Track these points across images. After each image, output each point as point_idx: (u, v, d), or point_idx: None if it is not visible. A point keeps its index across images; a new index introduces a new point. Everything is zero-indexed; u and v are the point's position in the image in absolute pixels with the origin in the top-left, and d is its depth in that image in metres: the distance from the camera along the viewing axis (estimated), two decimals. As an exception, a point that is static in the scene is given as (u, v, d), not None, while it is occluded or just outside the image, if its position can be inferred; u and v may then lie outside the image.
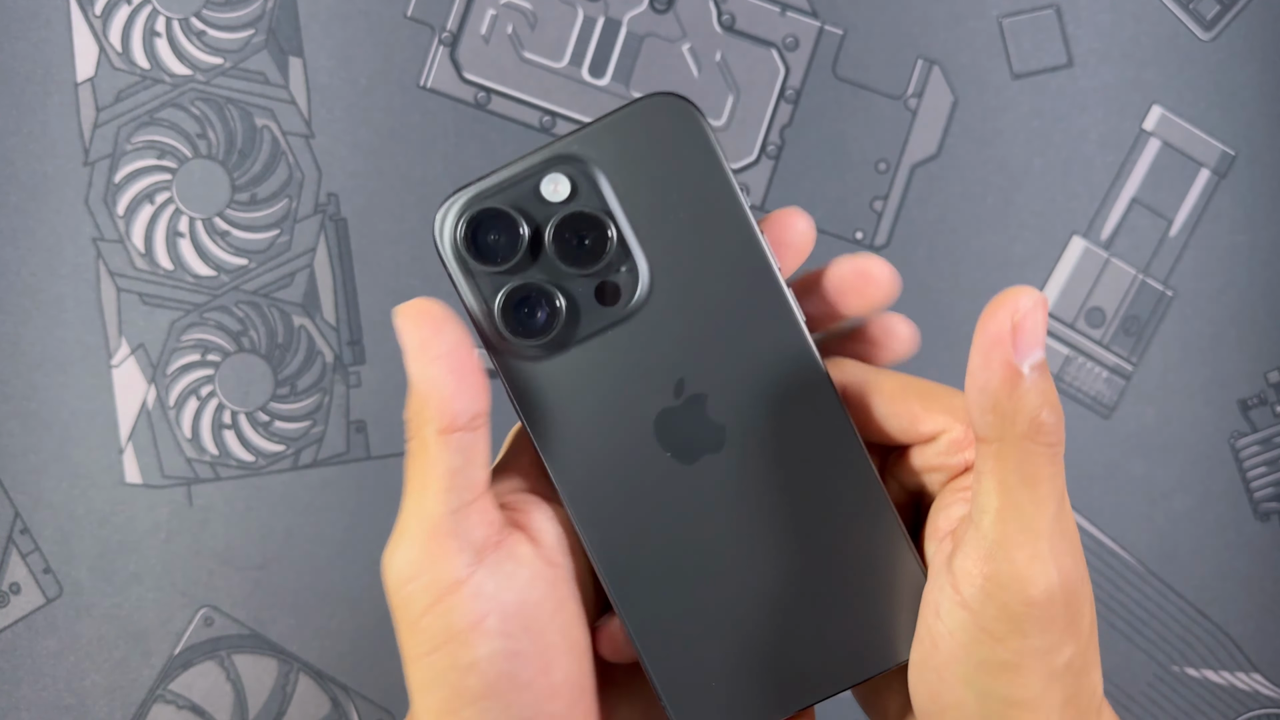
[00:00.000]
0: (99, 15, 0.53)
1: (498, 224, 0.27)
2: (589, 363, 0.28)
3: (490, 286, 0.27)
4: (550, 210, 0.27)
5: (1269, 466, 0.55)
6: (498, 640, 0.26)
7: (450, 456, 0.26)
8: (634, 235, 0.27)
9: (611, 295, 0.27)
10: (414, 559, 0.26)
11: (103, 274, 0.54)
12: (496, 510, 0.28)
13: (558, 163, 0.27)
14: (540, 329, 0.27)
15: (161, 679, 0.54)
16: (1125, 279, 0.55)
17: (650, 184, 0.27)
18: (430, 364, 0.26)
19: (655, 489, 0.28)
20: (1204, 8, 0.55)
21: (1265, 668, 0.55)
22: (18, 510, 0.53)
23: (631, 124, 0.27)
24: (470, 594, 0.26)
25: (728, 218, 0.27)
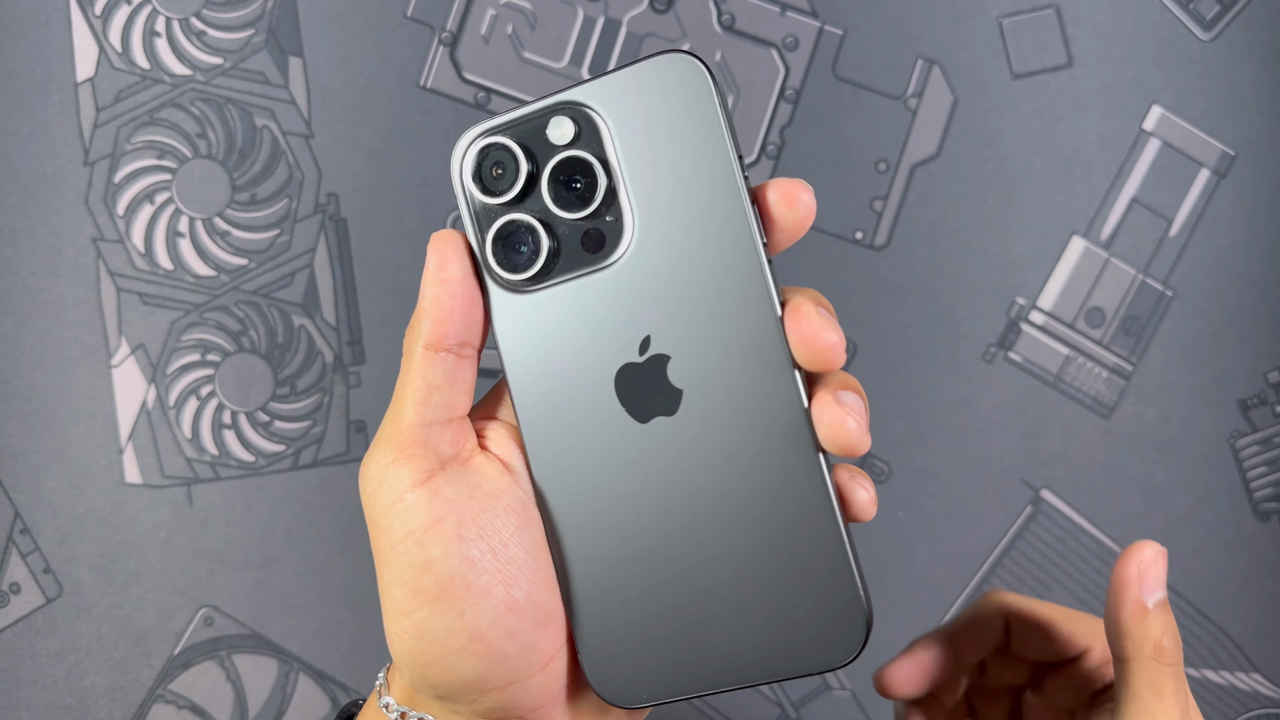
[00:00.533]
0: (99, 15, 0.53)
1: (503, 158, 0.28)
2: (565, 304, 0.28)
3: (488, 217, 0.29)
4: (552, 151, 0.28)
5: (1269, 466, 0.55)
6: (452, 542, 0.27)
7: (431, 373, 0.28)
8: (626, 188, 0.28)
9: (596, 243, 0.28)
10: (382, 462, 0.28)
11: (103, 274, 0.54)
12: (471, 435, 0.29)
13: (567, 107, 0.28)
14: (523, 263, 0.28)
15: (161, 679, 0.54)
16: (1125, 279, 0.55)
17: (651, 139, 0.27)
18: (436, 285, 0.28)
19: (606, 439, 0.28)
20: (1204, 8, 0.55)
21: (1265, 668, 0.55)
22: (18, 510, 0.53)
23: (643, 78, 0.27)
24: (428, 494, 0.27)
25: (722, 185, 0.27)
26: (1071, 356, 0.55)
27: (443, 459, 0.28)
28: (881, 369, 0.55)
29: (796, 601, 0.27)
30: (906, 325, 0.55)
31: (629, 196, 0.28)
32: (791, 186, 0.28)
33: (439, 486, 0.27)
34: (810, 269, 0.54)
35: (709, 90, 0.27)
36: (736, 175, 0.27)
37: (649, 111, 0.27)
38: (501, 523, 0.28)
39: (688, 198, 0.27)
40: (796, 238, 0.28)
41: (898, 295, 0.55)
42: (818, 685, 0.55)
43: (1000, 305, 0.55)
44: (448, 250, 0.28)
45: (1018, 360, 0.55)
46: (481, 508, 0.28)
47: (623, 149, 0.28)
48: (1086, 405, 0.55)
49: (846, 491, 0.28)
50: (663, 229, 0.28)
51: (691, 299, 0.28)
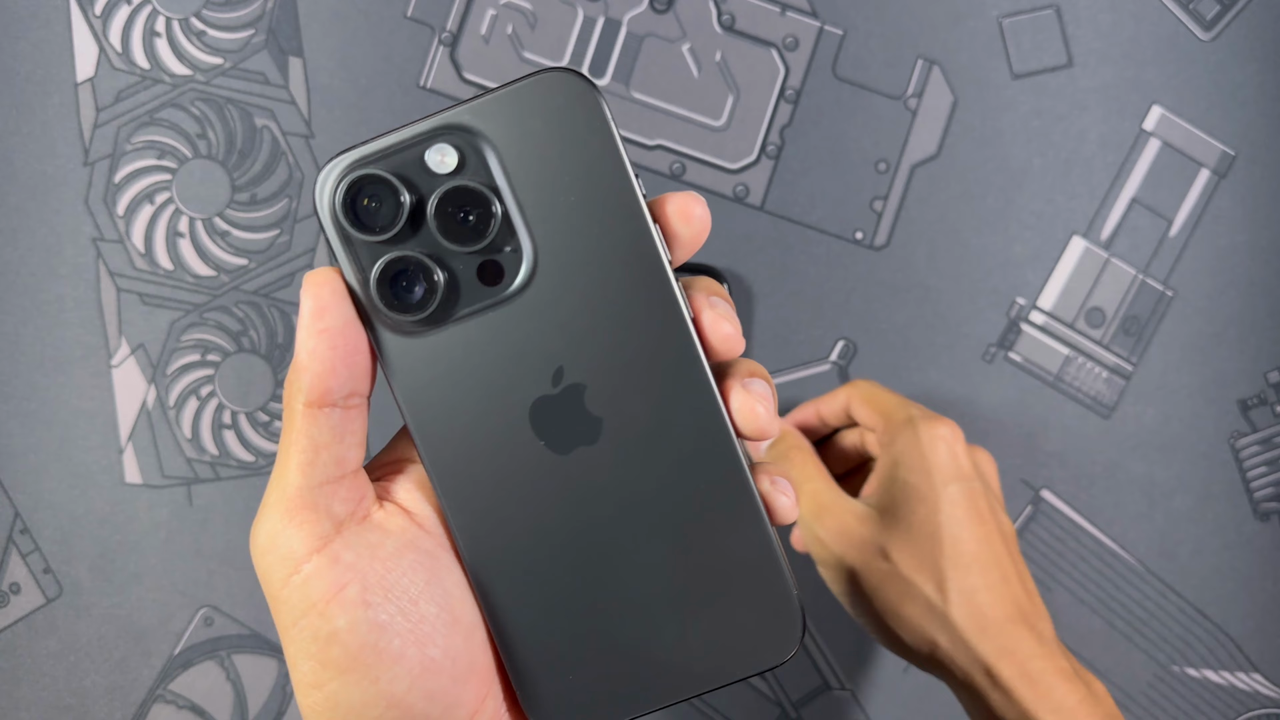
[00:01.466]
0: (99, 15, 0.53)
1: (378, 191, 0.26)
2: (466, 343, 0.27)
3: (368, 255, 0.26)
4: (435, 181, 0.26)
5: (1269, 466, 0.55)
6: (358, 610, 0.25)
7: (316, 431, 0.26)
8: (520, 214, 0.26)
9: (493, 275, 0.26)
10: (271, 531, 0.26)
11: (103, 274, 0.54)
12: (367, 486, 0.27)
13: (446, 132, 0.26)
14: (416, 304, 0.26)
15: (161, 679, 0.54)
16: (1125, 279, 0.55)
17: (541, 162, 0.26)
18: (314, 336, 0.26)
19: (526, 477, 0.27)
20: (1204, 8, 0.55)
21: (1265, 668, 0.55)
22: (18, 510, 0.53)
23: (527, 98, 0.26)
24: (326, 563, 0.26)
25: (619, 203, 0.26)
26: (1071, 356, 0.55)
27: (338, 520, 0.26)
28: (881, 369, 0.55)
29: (732, 607, 0.27)
30: (906, 325, 0.55)
31: (524, 223, 0.26)
32: (685, 201, 0.27)
33: (338, 552, 0.26)
34: (810, 269, 0.54)
35: (599, 107, 0.26)
36: (635, 192, 0.26)
37: (537, 132, 0.26)
38: (409, 580, 0.26)
39: (586, 219, 0.26)
40: (694, 251, 0.28)
41: (898, 295, 0.55)
42: (818, 685, 0.55)
43: (1000, 305, 0.55)
44: (325, 294, 0.26)
45: (1018, 360, 0.55)
46: (386, 568, 0.26)
47: (513, 174, 0.26)
48: (1086, 405, 0.55)
49: (769, 498, 0.28)
50: (563, 254, 0.26)
51: (601, 324, 0.27)
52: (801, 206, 0.55)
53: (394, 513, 0.27)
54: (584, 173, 0.26)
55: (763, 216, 0.55)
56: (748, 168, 0.55)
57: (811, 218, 0.55)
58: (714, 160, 0.55)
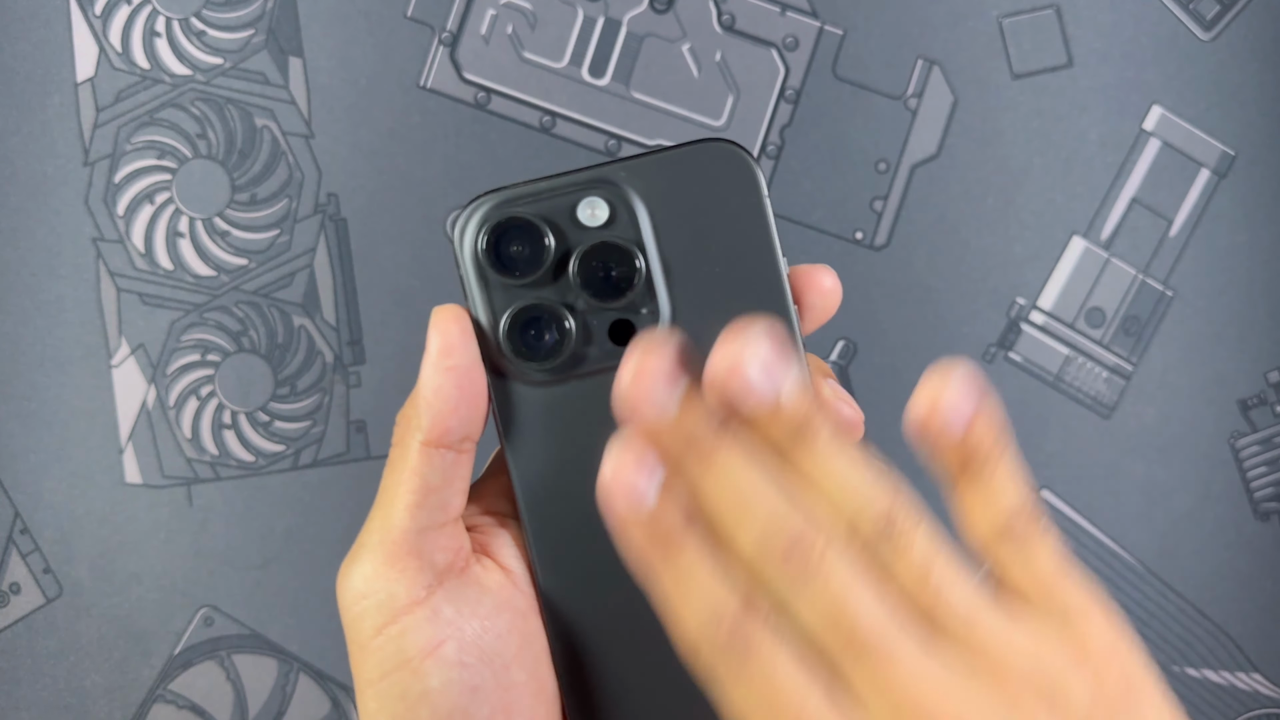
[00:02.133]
0: (99, 15, 0.53)
1: (525, 235, 0.26)
2: (585, 400, 0.26)
3: (503, 299, 0.26)
4: (582, 234, 0.26)
5: (1269, 466, 0.55)
6: (454, 670, 0.24)
7: (430, 472, 0.25)
8: (663, 278, 0.26)
9: (626, 334, 0.26)
10: (370, 574, 0.25)
11: (103, 274, 0.54)
12: (465, 537, 0.26)
13: (600, 186, 0.26)
14: (544, 354, 0.26)
15: (161, 679, 0.54)
16: (1125, 279, 0.55)
17: (691, 229, 0.26)
18: (440, 373, 0.25)
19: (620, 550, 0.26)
20: (1204, 8, 0.55)
21: (1265, 668, 0.55)
22: (18, 510, 0.53)
23: (686, 164, 0.26)
24: (426, 617, 0.24)
25: (761, 280, 0.26)
26: (1071, 356, 0.55)
27: (439, 571, 0.25)
28: (881, 369, 0.55)
29: None
30: (906, 325, 0.55)
31: (665, 287, 0.26)
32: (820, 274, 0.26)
33: (439, 605, 0.24)
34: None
35: (756, 183, 0.26)
36: (781, 272, 0.26)
37: (690, 199, 0.26)
38: (505, 644, 0.25)
39: (727, 292, 0.26)
40: (824, 320, 0.27)
41: (898, 295, 0.55)
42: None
43: (1000, 305, 0.55)
44: (454, 332, 0.25)
45: (1018, 360, 0.55)
46: (484, 628, 0.25)
47: (660, 236, 0.26)
48: (1086, 405, 0.55)
49: None
50: (698, 323, 0.26)
51: None
52: (801, 206, 0.55)
53: (491, 568, 0.26)
54: (731, 244, 0.26)
55: (763, 216, 0.55)
56: (748, 168, 0.55)
57: (811, 218, 0.55)
58: (714, 160, 0.55)
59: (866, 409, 0.57)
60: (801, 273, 0.27)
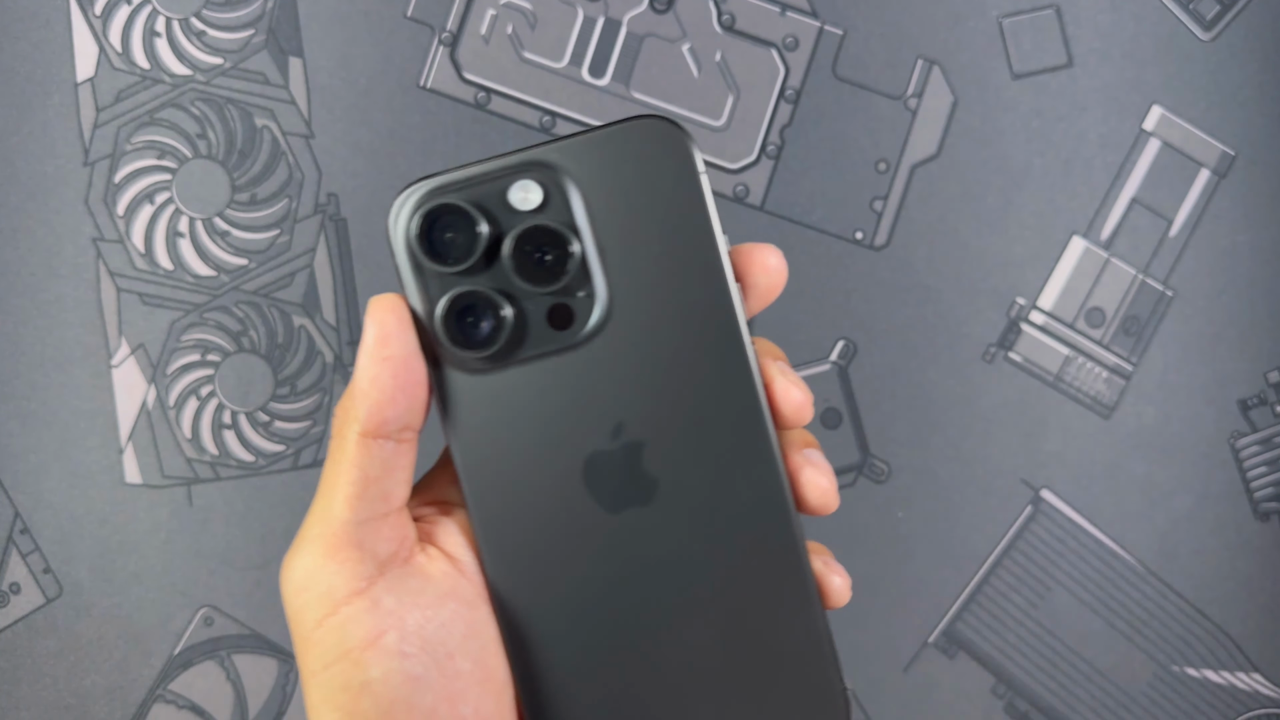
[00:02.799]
0: (99, 15, 0.53)
1: (456, 222, 0.25)
2: (527, 386, 0.26)
3: (437, 287, 0.25)
4: (515, 218, 0.25)
5: (1269, 466, 0.55)
6: (395, 660, 0.24)
7: (368, 463, 0.25)
8: (598, 260, 0.25)
9: (563, 318, 0.26)
10: (310, 567, 0.25)
11: (103, 274, 0.54)
12: (411, 527, 0.26)
13: (532, 169, 0.25)
14: (481, 341, 0.25)
15: (161, 679, 0.54)
16: (1125, 279, 0.55)
17: (626, 209, 0.25)
18: (376, 363, 0.25)
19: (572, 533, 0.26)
20: (1204, 8, 0.55)
21: (1265, 668, 0.55)
22: (18, 510, 0.53)
23: (618, 143, 0.25)
24: (366, 608, 0.24)
25: (700, 257, 0.25)
26: (1071, 356, 0.55)
27: (380, 561, 0.25)
28: (881, 369, 0.55)
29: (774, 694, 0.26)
30: (906, 325, 0.55)
31: (601, 269, 0.25)
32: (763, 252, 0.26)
33: (379, 596, 0.24)
34: (810, 269, 0.54)
35: (690, 158, 0.25)
36: (719, 249, 0.25)
37: (624, 178, 0.25)
38: (447, 632, 0.25)
39: (665, 272, 0.25)
40: (769, 301, 0.27)
41: (898, 295, 0.55)
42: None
43: (1000, 305, 0.55)
44: (390, 321, 0.25)
45: (1018, 360, 0.55)
46: (425, 617, 0.25)
47: (595, 218, 0.25)
48: (1086, 405, 0.55)
49: (823, 579, 0.26)
50: (637, 305, 0.25)
51: (670, 380, 0.25)
52: (801, 206, 0.55)
53: (436, 557, 0.26)
54: (667, 223, 0.25)
55: (763, 216, 0.55)
56: (748, 168, 0.55)
57: (811, 218, 0.55)
58: (714, 160, 0.55)
59: (866, 409, 0.57)
60: (744, 251, 0.27)
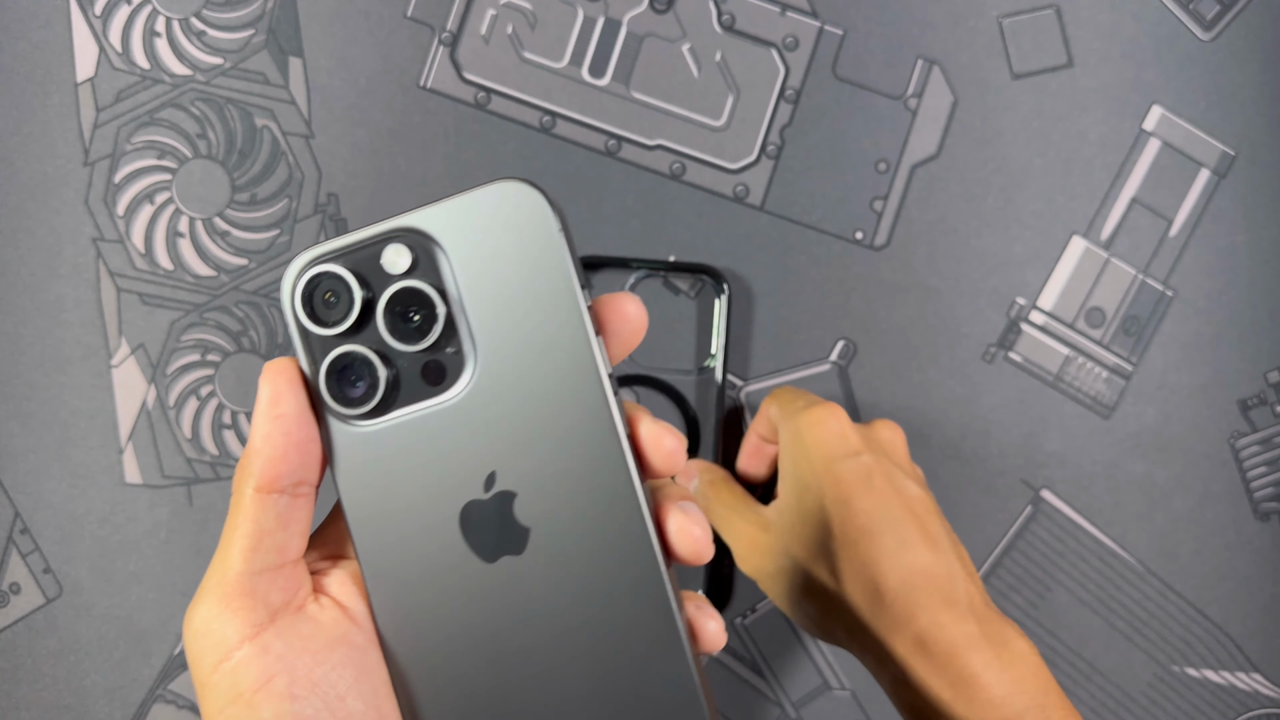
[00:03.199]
0: (99, 15, 0.53)
1: (335, 286, 0.27)
2: (405, 440, 0.27)
3: (320, 348, 0.27)
4: (388, 281, 0.27)
5: (1269, 466, 0.55)
6: (285, 702, 0.25)
7: (262, 516, 0.26)
8: (467, 318, 0.27)
9: (436, 375, 0.27)
10: (207, 615, 0.26)
11: (103, 274, 0.54)
12: (306, 578, 0.28)
13: (402, 235, 0.27)
14: (359, 398, 0.27)
15: (161, 679, 0.54)
16: (1125, 279, 0.55)
17: (491, 269, 0.27)
18: (269, 421, 0.27)
19: (451, 580, 0.27)
20: (1204, 8, 0.55)
21: (1265, 668, 0.55)
22: (18, 510, 0.53)
23: (481, 206, 0.27)
24: (256, 653, 0.26)
25: (561, 315, 0.27)
26: (1071, 356, 0.55)
27: (273, 609, 0.26)
28: (881, 369, 0.55)
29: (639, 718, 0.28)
30: (906, 325, 0.55)
31: (468, 327, 0.27)
32: (621, 301, 0.28)
33: (269, 642, 0.26)
34: (810, 269, 0.54)
35: (548, 218, 0.26)
36: (579, 304, 0.27)
37: (487, 240, 0.27)
38: (338, 675, 0.26)
39: (529, 328, 0.27)
40: (633, 346, 0.28)
41: (898, 295, 0.55)
42: (818, 685, 0.55)
43: (1000, 305, 0.55)
44: (281, 382, 0.27)
45: (1018, 360, 0.55)
46: (316, 660, 0.26)
47: (461, 278, 0.27)
48: (1086, 405, 0.55)
49: (696, 624, 0.28)
50: (504, 360, 0.27)
51: (536, 432, 0.27)
52: (801, 206, 0.55)
53: (328, 605, 0.28)
54: (530, 282, 0.27)
55: (763, 216, 0.55)
56: (748, 168, 0.55)
57: (811, 218, 0.55)
58: (714, 160, 0.55)
59: (866, 409, 0.57)
60: (604, 302, 0.28)
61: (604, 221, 0.54)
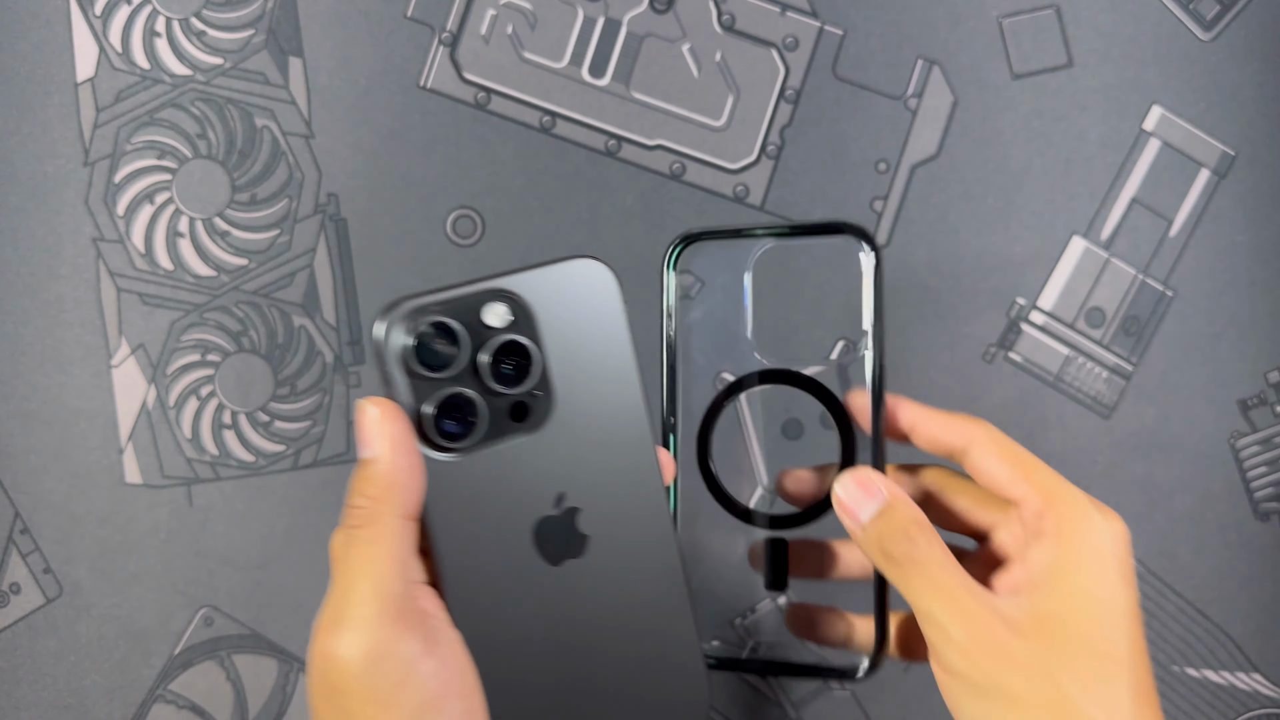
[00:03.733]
0: (99, 15, 0.53)
1: (443, 336, 0.31)
2: (489, 467, 0.32)
3: (426, 390, 0.31)
4: (489, 334, 0.32)
5: (1269, 466, 0.55)
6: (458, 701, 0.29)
7: (404, 541, 0.30)
8: (547, 367, 0.33)
9: (521, 413, 0.33)
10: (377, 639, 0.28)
11: (103, 274, 0.54)
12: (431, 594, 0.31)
13: (502, 295, 0.32)
14: (460, 433, 0.32)
15: (161, 679, 0.54)
16: (1125, 279, 0.55)
17: (569, 328, 0.33)
18: (404, 455, 0.30)
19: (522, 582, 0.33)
20: (1204, 8, 0.55)
21: (1265, 668, 0.55)
22: (18, 510, 0.53)
23: (565, 277, 0.33)
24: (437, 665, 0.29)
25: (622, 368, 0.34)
26: (1071, 356, 0.55)
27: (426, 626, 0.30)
28: (881, 369, 0.55)
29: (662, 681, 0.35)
30: (906, 325, 0.55)
31: (550, 374, 0.33)
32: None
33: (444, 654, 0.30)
34: (811, 269, 0.54)
35: (616, 292, 0.34)
36: (633, 363, 0.34)
37: (567, 304, 0.33)
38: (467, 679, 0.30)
39: (596, 377, 0.33)
40: None
41: (898, 295, 0.55)
42: (818, 685, 0.55)
43: (1000, 305, 0.55)
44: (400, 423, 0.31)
45: (1018, 360, 0.55)
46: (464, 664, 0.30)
47: (546, 334, 0.33)
48: (1086, 405, 0.55)
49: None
50: (575, 402, 0.33)
51: (597, 460, 0.33)
52: (801, 206, 0.55)
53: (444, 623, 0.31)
54: (598, 341, 0.33)
55: (763, 217, 0.55)
56: (748, 168, 0.55)
57: (811, 218, 0.55)
58: (714, 160, 0.55)
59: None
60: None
61: (604, 221, 0.54)
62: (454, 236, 0.54)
